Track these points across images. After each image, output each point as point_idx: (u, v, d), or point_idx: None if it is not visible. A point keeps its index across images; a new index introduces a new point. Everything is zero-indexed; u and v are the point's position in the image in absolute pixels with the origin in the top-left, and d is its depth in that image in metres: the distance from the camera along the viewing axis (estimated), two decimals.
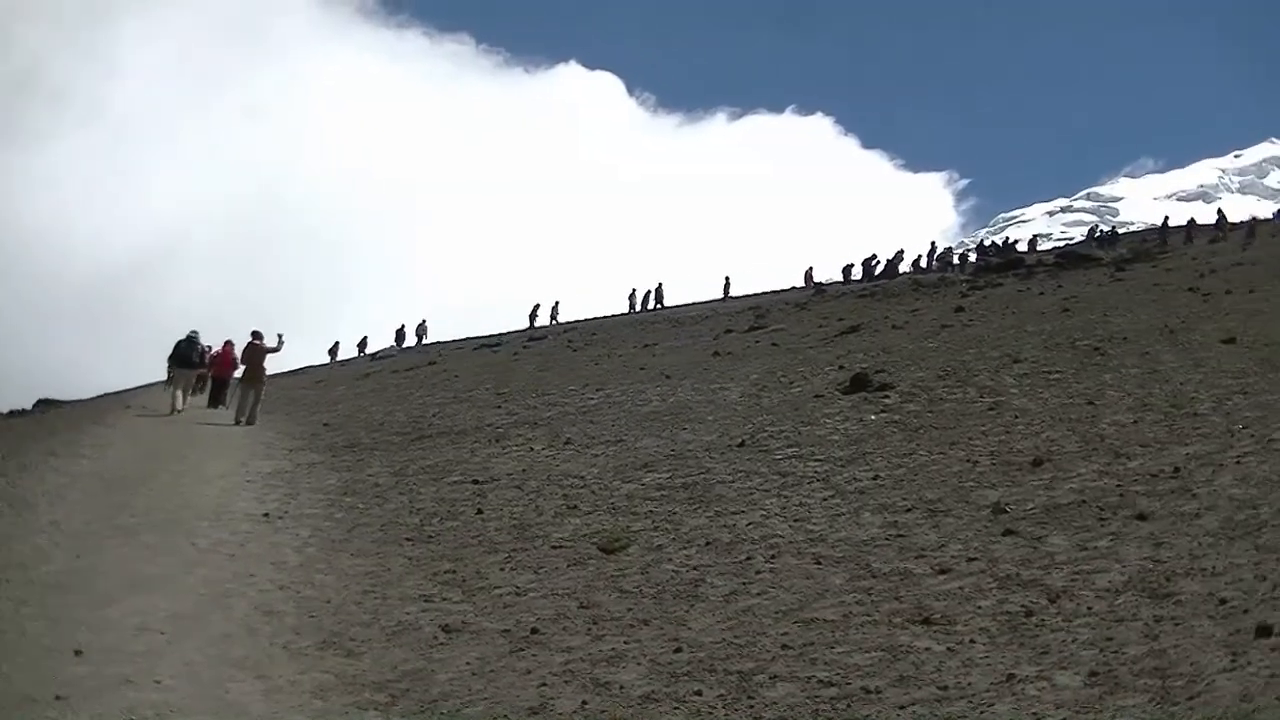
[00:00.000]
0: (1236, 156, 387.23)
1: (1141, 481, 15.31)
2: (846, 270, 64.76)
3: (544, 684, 10.55)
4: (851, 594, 12.54)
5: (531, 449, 23.23)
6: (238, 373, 35.28)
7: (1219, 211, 70.48)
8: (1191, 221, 68.40)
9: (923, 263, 66.67)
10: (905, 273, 63.80)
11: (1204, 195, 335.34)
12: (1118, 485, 15.29)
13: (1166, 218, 77.51)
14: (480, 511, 18.27)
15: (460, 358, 48.82)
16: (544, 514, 17.80)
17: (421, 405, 33.19)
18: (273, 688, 10.63)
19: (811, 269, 67.37)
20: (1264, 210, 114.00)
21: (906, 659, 10.31)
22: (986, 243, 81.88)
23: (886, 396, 23.19)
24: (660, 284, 68.68)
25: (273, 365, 34.91)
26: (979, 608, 11.52)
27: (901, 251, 66.88)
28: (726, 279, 67.30)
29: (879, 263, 65.16)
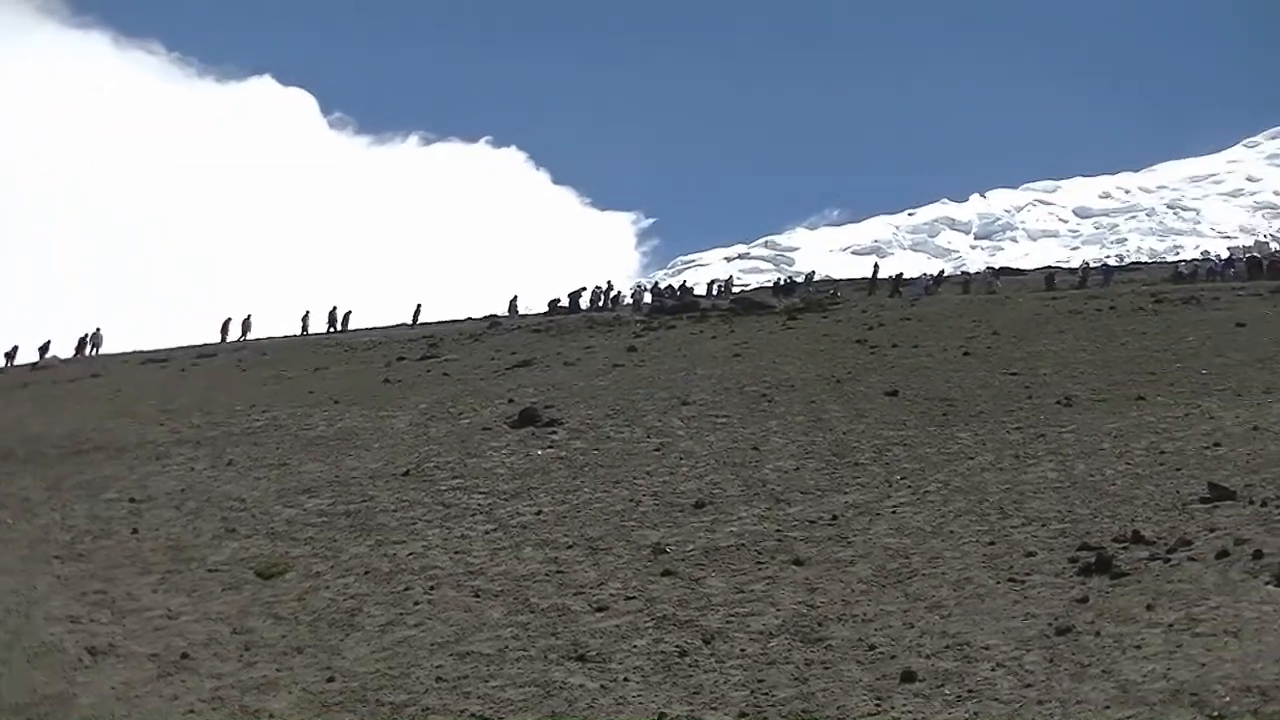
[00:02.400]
0: (910, 214, 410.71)
1: (800, 527, 16.22)
2: (553, 303, 65.56)
3: (191, 710, 10.40)
4: (509, 628, 12.83)
5: (193, 469, 22.70)
6: None
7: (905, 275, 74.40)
8: (899, 276, 71.84)
9: (599, 300, 68.03)
10: (582, 310, 64.89)
11: (878, 250, 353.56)
12: (777, 530, 16.15)
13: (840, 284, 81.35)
14: (135, 531, 17.88)
15: (126, 371, 46.87)
16: (201, 536, 17.55)
17: (81, 419, 31.82)
18: None
19: (516, 298, 68.01)
20: (933, 267, 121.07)
21: (560, 695, 10.62)
22: (664, 284, 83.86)
23: (554, 432, 23.64)
24: (335, 307, 67.75)
25: None
26: (634, 646, 11.96)
27: (583, 288, 68.12)
28: (418, 306, 67.19)
29: (590, 294, 66.25)
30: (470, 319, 63.35)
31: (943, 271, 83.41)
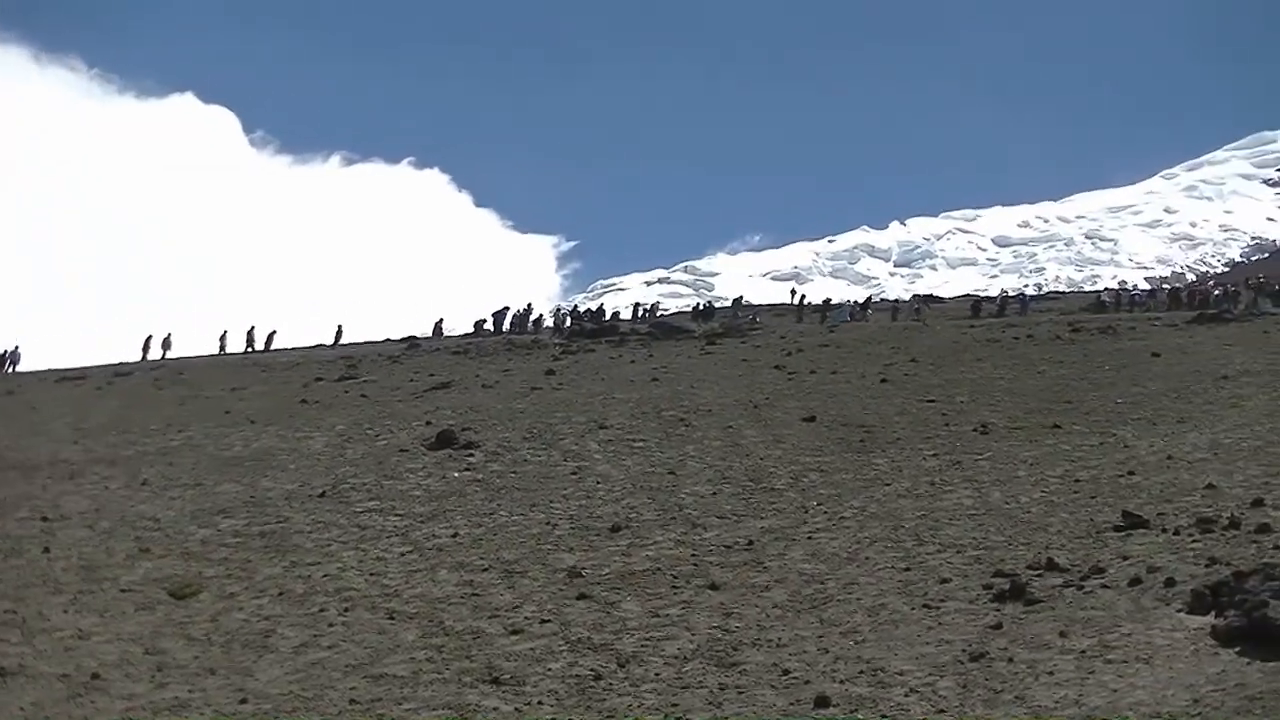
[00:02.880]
0: (830, 241, 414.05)
1: (716, 552, 16.36)
2: (479, 324, 65.43)
3: None
4: (423, 651, 12.83)
5: (107, 488, 22.37)
6: None
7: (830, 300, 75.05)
8: (827, 301, 72.29)
9: (521, 323, 67.98)
10: (501, 332, 64.77)
11: (798, 276, 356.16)
12: (693, 555, 16.28)
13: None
14: (47, 550, 17.57)
15: (42, 389, 46.08)
16: (115, 555, 17.28)
17: None
18: None
19: (442, 320, 67.79)
20: (852, 294, 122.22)
21: (474, 718, 10.65)
22: (583, 308, 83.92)
23: (471, 455, 23.60)
24: (254, 327, 67.16)
25: None
26: (549, 670, 12.02)
27: (506, 308, 68.07)
28: (339, 327, 66.84)
29: (510, 317, 66.13)
30: (389, 340, 63.11)
31: (871, 297, 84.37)
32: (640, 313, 75.26)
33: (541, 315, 70.90)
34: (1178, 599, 12.21)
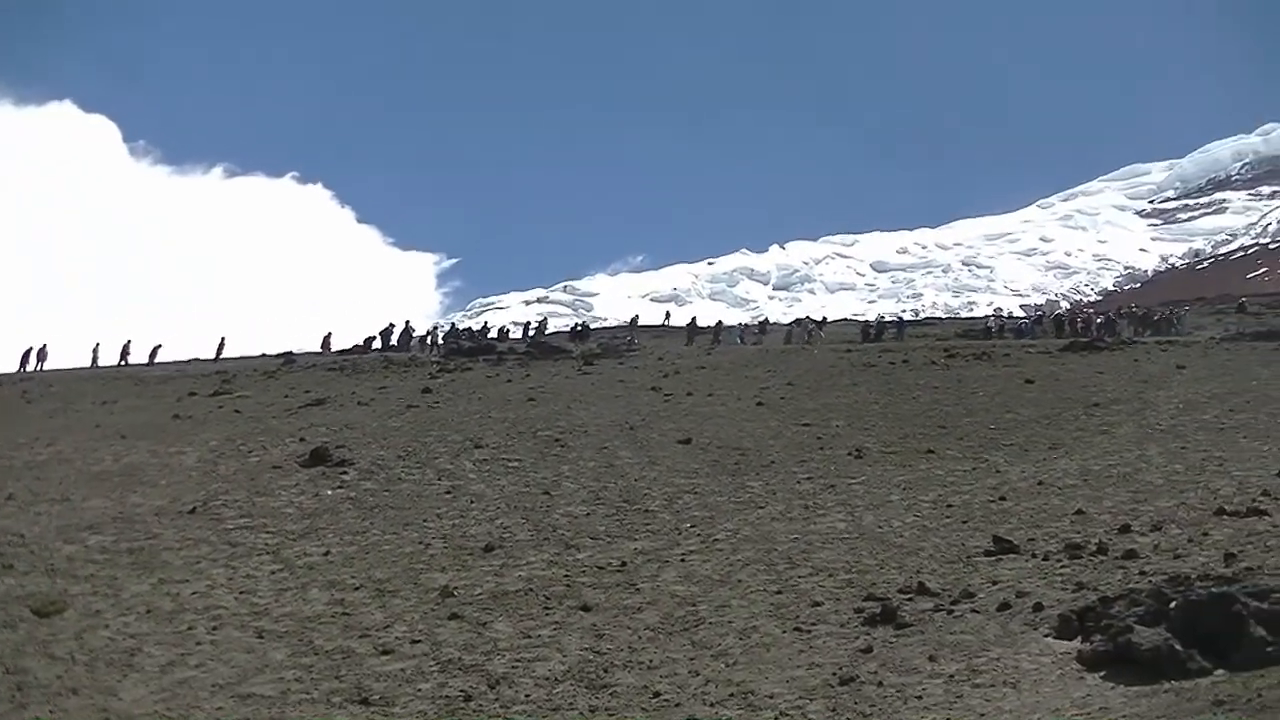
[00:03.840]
0: (710, 264, 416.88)
1: (589, 573, 16.40)
2: (368, 341, 64.87)
3: None
4: (292, 670, 12.69)
5: None
6: None
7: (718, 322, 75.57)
8: (720, 323, 72.76)
9: (403, 340, 67.55)
10: (376, 349, 64.25)
11: (677, 298, 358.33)
12: (565, 575, 16.30)
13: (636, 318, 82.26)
14: None
15: None
16: None
17: None
18: None
19: (330, 335, 67.18)
20: (731, 316, 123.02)
21: None
22: (461, 326, 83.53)
23: (345, 473, 23.42)
24: (129, 341, 65.98)
25: None
26: (419, 690, 11.96)
27: (391, 325, 67.62)
28: (221, 340, 65.91)
29: (388, 335, 65.57)
30: (265, 355, 62.34)
31: (766, 319, 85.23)
32: (528, 331, 75.37)
33: (421, 333, 70.50)
34: (1045, 624, 12.46)
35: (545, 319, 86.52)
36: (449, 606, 14.83)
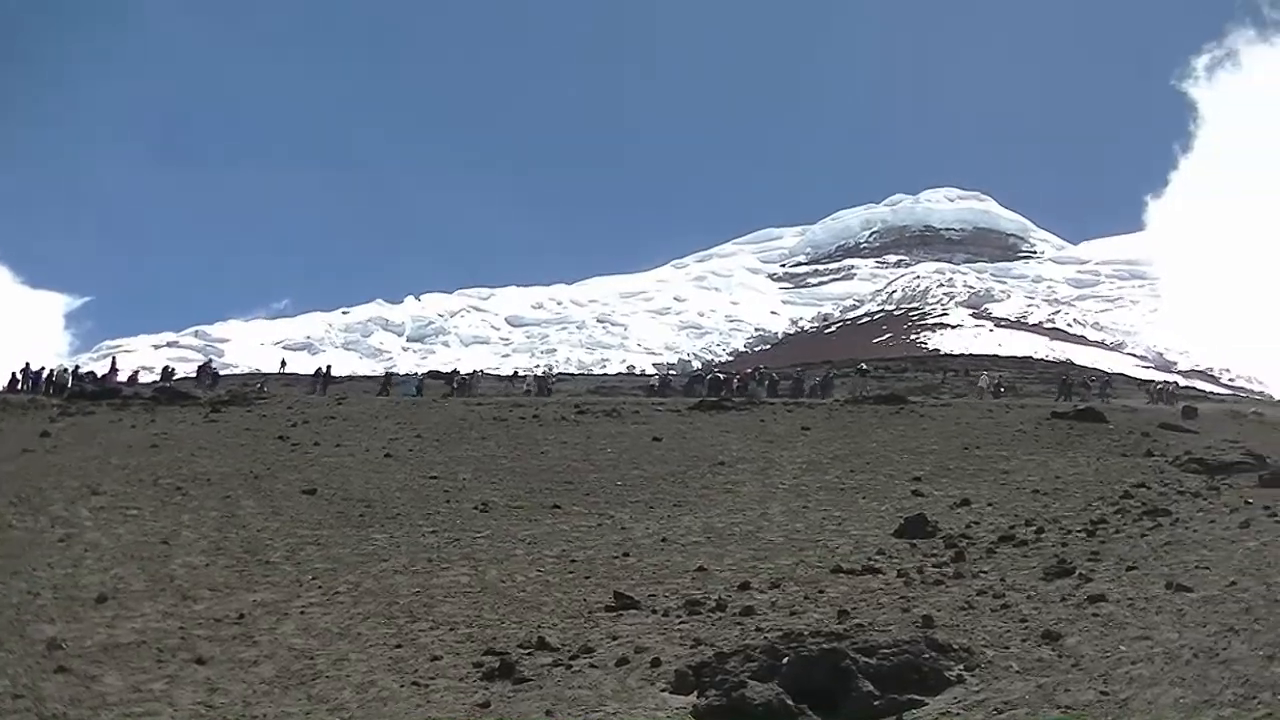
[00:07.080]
0: (345, 313, 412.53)
1: (205, 625, 16.06)
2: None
3: None
4: None
5: None
6: None
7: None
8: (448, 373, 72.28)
9: (25, 381, 64.57)
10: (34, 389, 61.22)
11: (310, 346, 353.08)
12: (181, 627, 15.91)
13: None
14: None
15: None
16: None
17: None
18: None
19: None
20: (364, 367, 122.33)
21: None
22: (86, 368, 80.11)
23: None
24: None
25: None
26: None
27: (29, 365, 64.69)
28: None
29: (11, 376, 62.77)
30: None
31: (436, 371, 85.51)
32: (162, 376, 73.57)
33: (56, 372, 67.32)
34: (662, 679, 12.88)
35: (170, 368, 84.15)
36: (56, 659, 14.22)
